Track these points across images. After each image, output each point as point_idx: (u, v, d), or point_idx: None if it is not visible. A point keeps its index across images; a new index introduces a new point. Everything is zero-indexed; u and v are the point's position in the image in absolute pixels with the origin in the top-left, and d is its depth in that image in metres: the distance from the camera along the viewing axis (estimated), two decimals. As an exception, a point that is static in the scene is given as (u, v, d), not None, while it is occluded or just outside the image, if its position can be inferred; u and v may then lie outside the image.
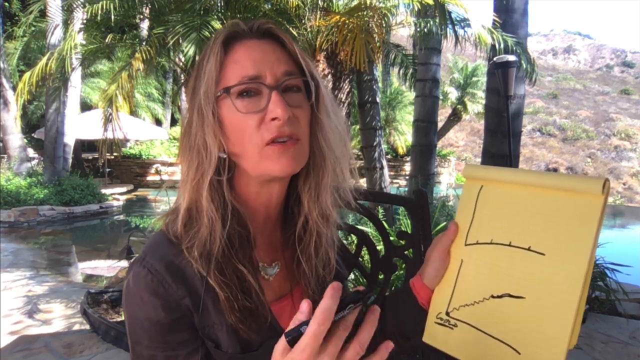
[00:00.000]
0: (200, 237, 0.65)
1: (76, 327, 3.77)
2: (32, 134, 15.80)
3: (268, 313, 0.67)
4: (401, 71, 7.57)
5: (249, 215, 0.70)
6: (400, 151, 16.59)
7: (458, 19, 4.76)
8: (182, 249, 0.65)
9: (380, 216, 4.72)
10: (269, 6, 4.52)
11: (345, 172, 0.73)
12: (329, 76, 4.48)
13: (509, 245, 0.66)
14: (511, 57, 4.78)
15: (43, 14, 7.95)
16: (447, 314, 0.72)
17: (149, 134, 15.28)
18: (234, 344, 0.66)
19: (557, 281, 0.60)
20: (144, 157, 15.58)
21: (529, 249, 0.64)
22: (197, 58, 3.85)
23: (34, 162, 13.09)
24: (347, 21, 3.82)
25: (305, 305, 0.47)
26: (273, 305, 0.71)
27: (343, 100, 4.69)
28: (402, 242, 1.28)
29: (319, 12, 4.35)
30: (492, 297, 0.66)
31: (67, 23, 5.18)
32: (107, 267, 6.02)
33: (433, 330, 0.74)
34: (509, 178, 0.70)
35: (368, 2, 4.21)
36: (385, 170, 6.75)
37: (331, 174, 0.71)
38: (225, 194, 0.66)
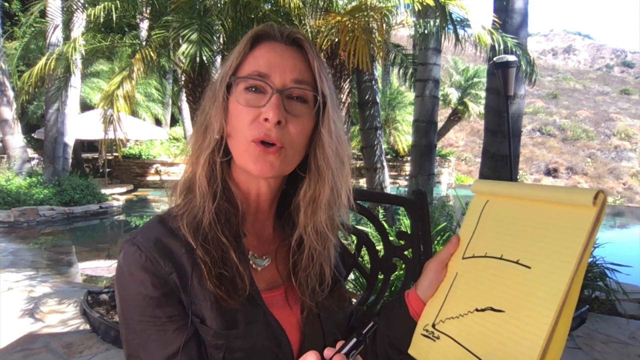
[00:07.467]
0: (192, 207, 0.70)
1: (76, 327, 3.78)
2: (32, 134, 15.78)
3: (247, 285, 0.69)
4: (401, 71, 7.56)
5: (240, 198, 0.74)
6: (401, 151, 16.56)
7: (458, 19, 4.76)
8: (172, 227, 0.70)
9: (380, 216, 4.72)
10: (269, 6, 4.52)
11: (342, 196, 0.74)
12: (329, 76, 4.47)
13: (500, 258, 0.65)
14: (511, 58, 4.78)
15: (43, 14, 7.95)
16: (433, 325, 0.71)
17: (149, 134, 15.27)
18: (218, 320, 0.67)
19: (538, 295, 0.58)
20: (144, 157, 15.57)
21: (517, 262, 0.62)
22: (197, 58, 3.86)
23: (34, 162, 13.06)
24: (347, 22, 3.82)
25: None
26: (263, 294, 0.73)
27: (343, 100, 4.69)
28: (402, 242, 1.28)
29: (319, 12, 4.35)
30: (477, 310, 0.65)
31: (67, 24, 5.18)
32: (107, 267, 6.03)
33: (418, 342, 0.73)
34: (510, 192, 0.70)
35: (369, 2, 4.21)
36: (386, 171, 6.75)
37: (328, 193, 0.72)
38: (219, 173, 0.71)
